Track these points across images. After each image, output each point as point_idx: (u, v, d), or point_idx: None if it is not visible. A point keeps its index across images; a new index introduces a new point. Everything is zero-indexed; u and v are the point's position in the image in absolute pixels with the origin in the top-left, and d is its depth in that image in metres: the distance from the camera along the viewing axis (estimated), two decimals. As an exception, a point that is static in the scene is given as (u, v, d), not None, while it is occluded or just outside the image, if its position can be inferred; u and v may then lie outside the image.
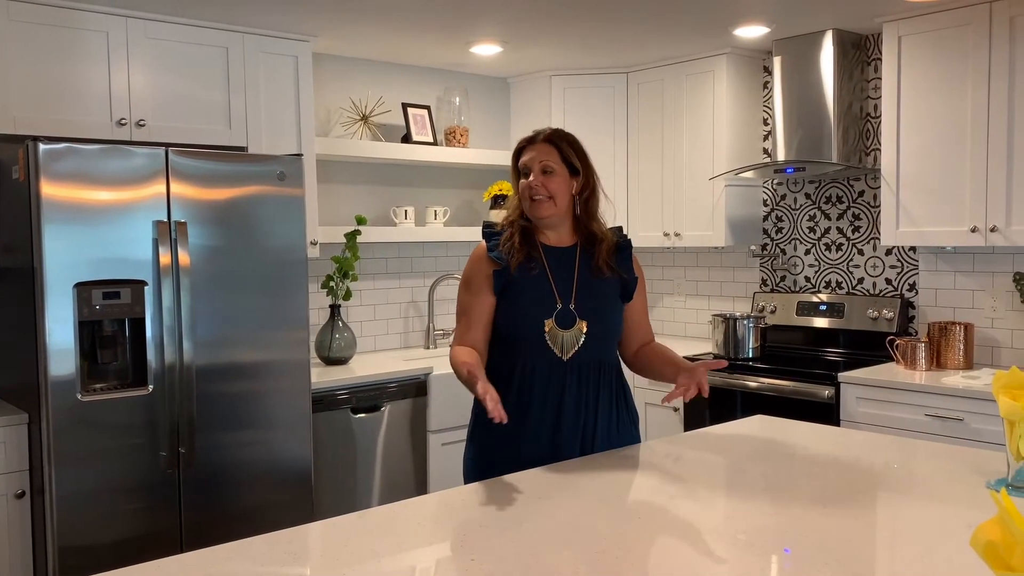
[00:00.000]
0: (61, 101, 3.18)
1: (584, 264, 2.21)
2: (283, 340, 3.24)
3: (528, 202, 2.17)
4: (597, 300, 2.19)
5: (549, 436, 2.15)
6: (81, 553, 2.79)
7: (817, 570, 1.41)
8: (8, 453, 2.85)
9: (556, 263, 2.19)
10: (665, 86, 4.47)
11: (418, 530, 1.65)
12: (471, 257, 2.25)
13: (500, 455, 2.13)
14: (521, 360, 2.15)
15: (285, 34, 3.69)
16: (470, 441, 2.27)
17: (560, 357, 2.13)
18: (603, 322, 2.19)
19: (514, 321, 2.15)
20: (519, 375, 2.14)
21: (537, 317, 2.13)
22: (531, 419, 2.14)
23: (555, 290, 2.16)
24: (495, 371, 2.17)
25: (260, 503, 3.16)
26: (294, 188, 3.25)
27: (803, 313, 4.19)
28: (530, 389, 2.13)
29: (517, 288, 2.16)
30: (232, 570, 1.46)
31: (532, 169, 2.17)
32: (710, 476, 2.06)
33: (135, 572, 1.43)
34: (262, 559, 1.51)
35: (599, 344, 2.18)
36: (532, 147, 2.20)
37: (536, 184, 2.15)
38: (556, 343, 2.13)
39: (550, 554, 1.50)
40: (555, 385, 2.14)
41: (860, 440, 2.37)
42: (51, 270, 2.74)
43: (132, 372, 2.94)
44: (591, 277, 2.20)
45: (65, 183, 2.77)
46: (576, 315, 2.15)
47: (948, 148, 3.46)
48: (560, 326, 2.13)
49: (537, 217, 2.18)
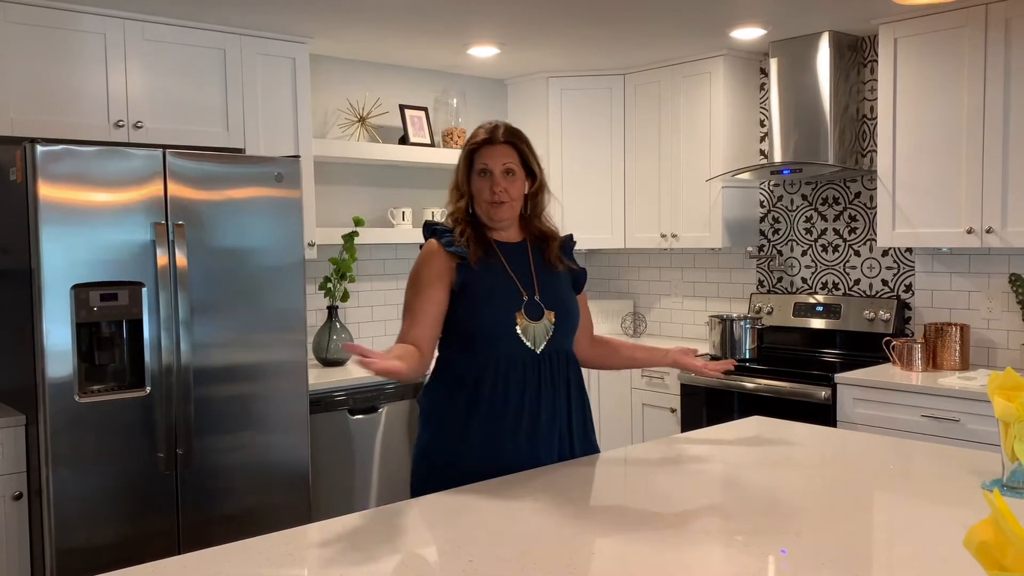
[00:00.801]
0: (58, 103, 3.18)
1: (537, 258, 2.20)
2: (281, 342, 3.24)
3: (487, 204, 2.13)
4: (558, 291, 2.18)
5: (528, 431, 2.09)
6: (79, 555, 2.80)
7: (814, 571, 1.41)
8: (5, 455, 2.85)
9: (511, 258, 2.16)
10: (662, 88, 4.48)
11: (416, 532, 1.66)
12: (422, 254, 2.15)
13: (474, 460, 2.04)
14: (493, 357, 2.08)
15: (282, 36, 3.70)
16: (425, 457, 2.14)
17: (533, 350, 2.10)
18: (569, 312, 2.18)
19: (483, 317, 2.09)
20: (492, 373, 2.07)
21: (508, 310, 2.09)
22: (509, 415, 2.07)
23: (518, 283, 2.13)
24: (462, 374, 2.09)
25: (258, 504, 3.17)
26: (291, 190, 3.25)
27: (800, 314, 4.20)
28: (506, 386, 2.07)
29: (479, 283, 2.10)
30: (229, 571, 1.46)
31: (494, 171, 2.12)
32: (707, 477, 2.06)
33: (133, 574, 1.43)
34: (260, 560, 1.51)
35: (565, 335, 2.17)
36: (492, 148, 2.14)
37: (500, 189, 2.11)
38: (528, 335, 2.09)
39: (548, 556, 1.50)
40: (531, 381, 2.09)
41: (856, 441, 2.38)
42: (49, 272, 2.75)
43: (130, 374, 2.94)
44: (547, 270, 2.19)
45: (63, 185, 2.77)
46: (543, 306, 2.13)
47: (944, 150, 3.48)
48: (530, 318, 2.10)
49: (496, 220, 2.15)
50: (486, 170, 2.12)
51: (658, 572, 1.42)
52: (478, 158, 2.14)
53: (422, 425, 2.17)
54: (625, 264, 5.13)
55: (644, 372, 4.26)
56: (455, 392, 2.10)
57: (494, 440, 2.06)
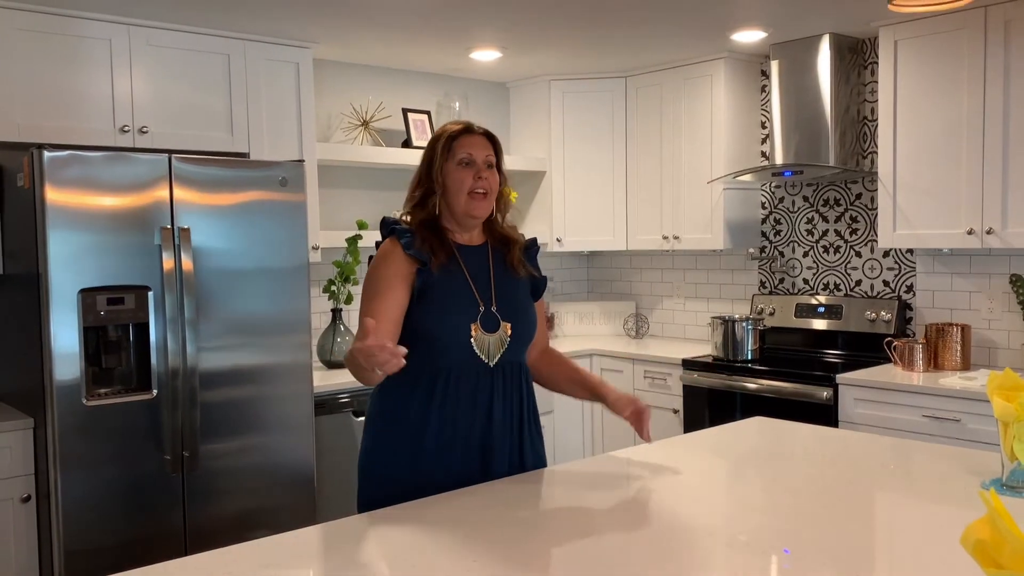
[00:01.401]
0: (64, 108, 3.20)
1: (498, 263, 2.10)
2: (286, 344, 3.26)
3: (468, 196, 2.01)
4: (516, 301, 2.09)
5: (480, 441, 2.00)
6: (87, 556, 2.82)
7: (816, 570, 1.43)
8: (13, 458, 2.88)
9: (470, 263, 2.06)
10: (664, 90, 4.50)
11: (420, 532, 1.67)
12: (380, 254, 2.02)
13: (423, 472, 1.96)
14: (445, 365, 1.98)
15: (286, 41, 3.72)
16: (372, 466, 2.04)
17: (487, 363, 2.00)
18: (525, 323, 2.08)
19: (438, 326, 1.97)
20: (443, 381, 1.97)
21: (462, 322, 1.98)
22: (461, 425, 1.99)
23: (475, 292, 2.03)
24: (414, 379, 1.97)
25: (263, 506, 3.19)
26: (296, 194, 3.27)
27: (801, 315, 4.22)
28: (457, 395, 1.98)
29: (438, 290, 1.98)
30: (235, 572, 1.48)
31: (477, 160, 2.02)
32: (709, 478, 2.08)
33: (140, 574, 1.45)
34: (265, 561, 1.54)
35: (520, 347, 2.08)
36: (472, 137, 2.05)
37: (484, 178, 2.02)
38: (482, 348, 1.99)
39: (554, 555, 1.52)
40: (483, 392, 2.00)
41: (858, 441, 2.40)
42: (56, 276, 2.77)
43: (136, 377, 2.97)
44: (506, 277, 2.09)
45: (69, 190, 2.79)
46: (499, 317, 2.03)
47: (944, 151, 3.49)
48: (485, 330, 2.00)
49: (473, 216, 2.03)
50: (469, 160, 2.02)
51: (661, 572, 1.43)
52: (458, 147, 2.03)
53: (369, 431, 2.07)
54: (627, 266, 5.15)
55: (647, 374, 4.28)
56: (406, 402, 1.99)
57: (446, 450, 1.97)
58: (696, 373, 4.04)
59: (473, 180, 2.01)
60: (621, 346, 4.58)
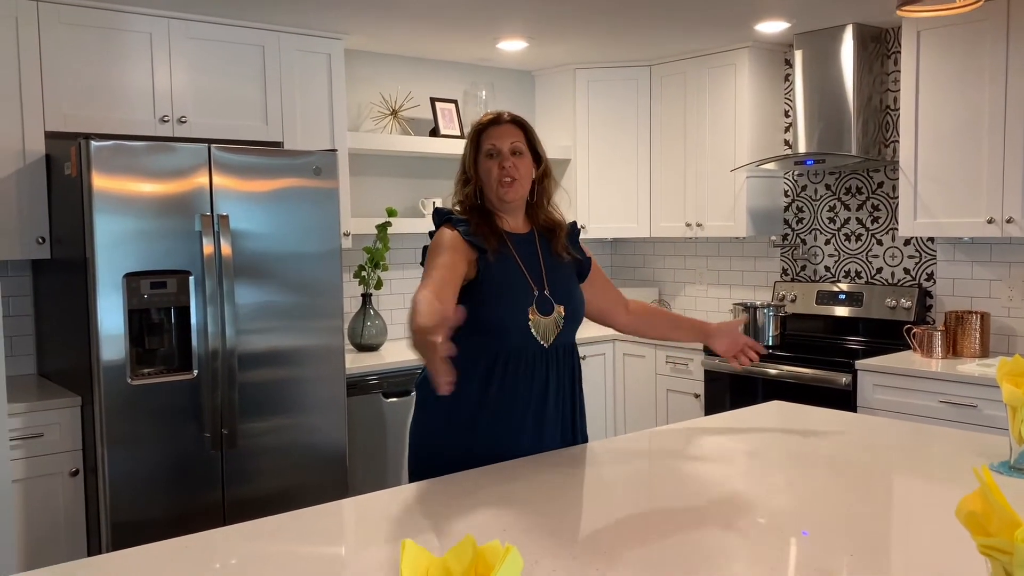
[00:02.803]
0: (107, 99, 3.33)
1: (545, 249, 2.19)
2: (319, 328, 3.38)
3: (497, 184, 2.10)
4: (566, 284, 2.19)
5: (535, 421, 2.11)
6: (132, 528, 2.96)
7: (835, 552, 1.46)
8: (62, 434, 3.02)
9: (521, 250, 2.15)
10: (688, 79, 4.55)
11: (449, 507, 1.74)
12: (439, 237, 2.09)
13: (478, 449, 2.05)
14: (504, 350, 2.08)
15: (319, 32, 3.82)
16: (425, 442, 2.15)
17: (543, 344, 2.11)
18: (576, 305, 2.19)
19: (497, 312, 2.07)
20: (502, 365, 2.07)
21: (521, 306, 2.08)
22: (518, 406, 2.09)
23: (528, 278, 2.13)
24: (472, 364, 2.04)
25: (298, 483, 3.32)
26: (329, 182, 3.38)
27: (823, 302, 4.27)
28: (515, 378, 2.08)
29: (495, 277, 2.08)
30: (280, 540, 1.58)
31: (502, 151, 2.11)
32: (728, 461, 2.13)
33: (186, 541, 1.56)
34: (310, 529, 1.63)
35: (573, 327, 2.18)
36: (498, 128, 2.13)
37: (509, 165, 2.10)
38: (539, 330, 2.10)
39: (578, 531, 1.61)
40: (539, 373, 2.11)
41: (875, 425, 2.45)
42: (102, 261, 2.90)
43: (178, 358, 3.10)
44: (554, 261, 2.19)
45: (115, 178, 2.92)
46: (553, 301, 2.13)
47: (965, 140, 3.53)
48: (541, 313, 2.10)
49: (505, 200, 2.12)
50: (494, 150, 2.11)
51: (681, 553, 1.47)
52: (485, 139, 2.13)
53: (420, 412, 2.16)
54: (651, 253, 5.22)
55: (668, 359, 4.36)
56: (464, 382, 2.02)
57: (502, 430, 2.07)
58: (717, 359, 4.12)
59: (498, 170, 2.10)
60: (644, 331, 4.65)
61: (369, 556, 1.52)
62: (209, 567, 1.48)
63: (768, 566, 1.41)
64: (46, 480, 2.98)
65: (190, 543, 1.56)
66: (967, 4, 2.21)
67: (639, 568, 1.41)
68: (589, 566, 1.41)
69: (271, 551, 1.53)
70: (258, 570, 1.45)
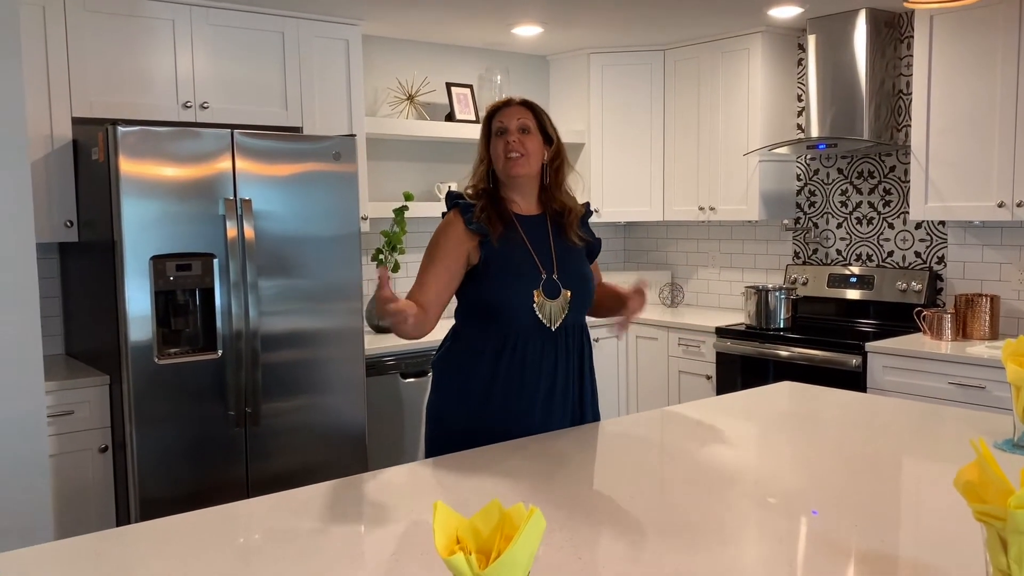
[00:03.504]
0: (132, 86, 3.40)
1: (556, 233, 2.23)
2: (339, 310, 3.46)
3: (503, 160, 2.16)
4: (576, 268, 2.23)
5: (544, 401, 2.17)
6: (159, 503, 3.05)
7: (845, 531, 1.48)
8: (92, 411, 3.11)
9: (530, 233, 2.19)
10: (701, 63, 4.59)
11: (464, 480, 1.81)
12: (443, 225, 2.18)
13: (490, 426, 2.12)
14: (511, 331, 2.14)
15: (337, 18, 3.88)
16: (440, 420, 2.23)
17: (549, 327, 2.16)
18: (585, 290, 2.23)
19: (503, 294, 2.13)
20: (510, 346, 2.14)
21: (526, 289, 2.13)
22: (527, 386, 2.16)
23: (536, 260, 2.17)
24: (481, 346, 2.16)
25: (318, 460, 3.40)
26: (348, 166, 3.45)
27: (834, 285, 4.32)
28: (523, 358, 2.14)
29: (500, 260, 2.14)
30: (301, 512, 1.66)
31: (508, 128, 2.17)
32: (738, 441, 2.18)
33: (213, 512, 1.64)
34: (330, 502, 1.70)
35: (580, 311, 2.23)
36: (508, 109, 2.20)
37: (513, 141, 2.15)
38: (544, 313, 2.14)
39: (591, 504, 1.68)
40: (548, 355, 2.16)
41: (884, 406, 2.48)
42: (130, 245, 2.98)
43: (203, 338, 3.18)
44: (565, 244, 2.23)
45: (141, 163, 2.99)
46: (560, 285, 2.17)
47: (976, 125, 3.56)
48: (547, 296, 2.15)
49: (511, 175, 2.17)
50: (502, 128, 2.18)
51: (691, 531, 1.50)
52: (495, 121, 2.20)
53: (436, 390, 2.26)
54: (664, 236, 5.27)
55: (680, 341, 4.42)
56: (474, 362, 2.17)
57: (512, 407, 2.14)
58: (729, 341, 4.18)
59: (504, 145, 2.16)
60: (657, 314, 4.72)
61: (388, 528, 1.59)
62: (232, 539, 1.56)
63: (778, 543, 1.45)
64: (76, 456, 3.08)
65: (213, 514, 1.63)
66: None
67: (650, 542, 1.47)
68: (602, 535, 1.49)
69: (291, 523, 1.59)
70: (280, 539, 1.51)
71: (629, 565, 1.36)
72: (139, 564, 1.42)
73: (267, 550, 1.47)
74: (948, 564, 1.35)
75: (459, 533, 1.00)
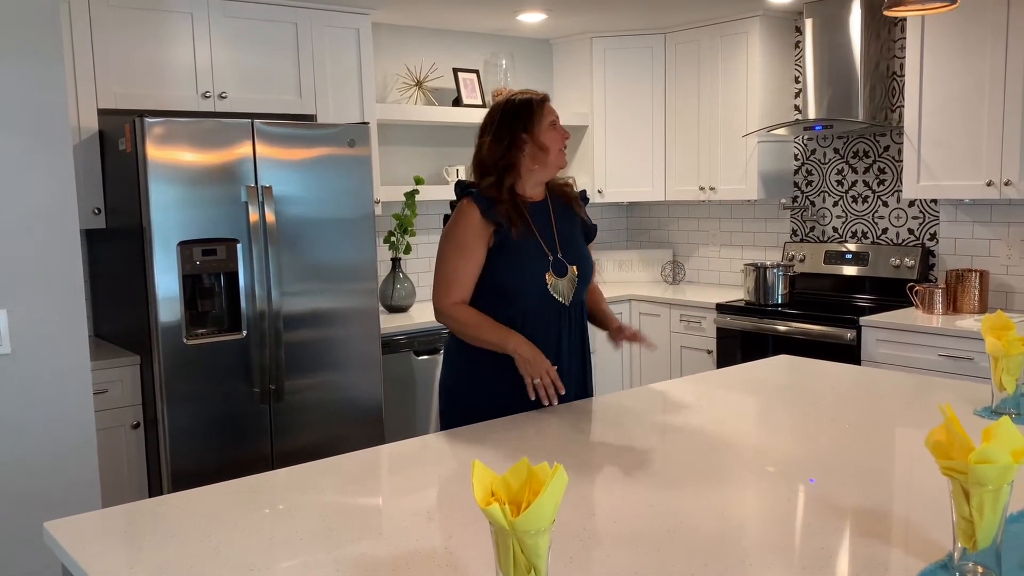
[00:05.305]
0: (153, 77, 3.53)
1: (557, 215, 2.38)
2: (355, 290, 3.62)
3: (556, 154, 2.30)
4: (577, 245, 2.39)
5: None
6: (189, 477, 3.22)
7: (841, 498, 1.56)
8: (124, 390, 3.28)
9: (536, 218, 2.33)
10: (701, 47, 4.71)
11: (477, 450, 1.93)
12: (463, 217, 2.28)
13: (501, 400, 2.25)
14: (524, 308, 2.28)
15: (348, 8, 4.00)
16: (453, 393, 2.35)
17: (563, 303, 2.32)
18: (586, 264, 2.39)
19: (518, 276, 2.27)
20: (522, 322, 2.27)
21: (539, 272, 2.29)
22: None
23: (543, 244, 2.31)
24: (493, 318, 2.28)
25: (338, 434, 3.57)
26: (362, 151, 3.59)
27: (830, 262, 4.47)
28: (532, 333, 2.26)
29: (513, 246, 2.26)
30: (323, 484, 1.81)
31: (559, 123, 2.34)
32: (737, 412, 2.31)
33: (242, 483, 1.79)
34: (350, 477, 1.83)
35: (585, 285, 2.39)
36: (549, 104, 2.36)
37: (567, 136, 2.35)
38: (557, 291, 2.31)
39: (599, 471, 1.83)
40: (554, 331, 2.32)
41: (877, 377, 2.61)
42: (158, 231, 3.13)
43: (228, 319, 3.34)
44: (565, 226, 2.38)
45: (167, 153, 3.13)
46: (566, 262, 2.33)
47: (967, 106, 3.69)
48: (557, 275, 2.31)
49: (562, 166, 2.35)
50: (556, 122, 2.33)
51: (693, 499, 1.58)
52: (547, 112, 2.31)
53: (449, 364, 2.39)
54: (665, 215, 5.41)
55: (683, 317, 4.58)
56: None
57: (522, 382, 2.22)
58: (729, 316, 4.34)
59: (562, 139, 2.33)
60: (659, 292, 4.88)
61: (405, 495, 1.72)
62: (257, 505, 1.71)
63: (776, 511, 1.54)
64: (110, 432, 3.24)
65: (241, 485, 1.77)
66: (946, 5, 2.38)
67: (655, 500, 1.62)
68: (610, 495, 1.64)
69: (314, 493, 1.71)
70: (303, 508, 1.64)
71: (636, 521, 1.51)
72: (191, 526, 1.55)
73: (292, 518, 1.56)
74: (934, 520, 1.46)
75: (493, 487, 1.16)
